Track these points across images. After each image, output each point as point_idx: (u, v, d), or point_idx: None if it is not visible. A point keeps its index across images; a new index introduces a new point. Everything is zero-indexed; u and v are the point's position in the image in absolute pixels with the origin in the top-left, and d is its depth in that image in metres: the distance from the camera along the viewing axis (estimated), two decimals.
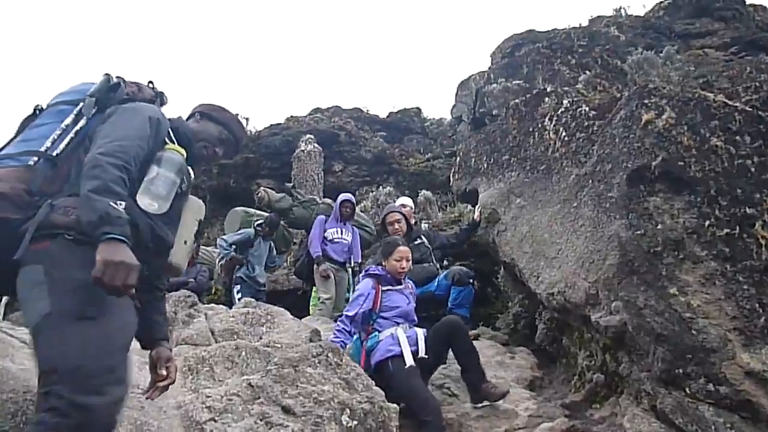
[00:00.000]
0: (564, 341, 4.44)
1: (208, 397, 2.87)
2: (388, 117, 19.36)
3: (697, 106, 4.10)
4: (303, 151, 13.26)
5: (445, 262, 6.76)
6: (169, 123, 2.27)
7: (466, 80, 12.16)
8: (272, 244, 8.76)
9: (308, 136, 13.89)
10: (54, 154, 2.02)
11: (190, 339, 3.81)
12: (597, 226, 3.87)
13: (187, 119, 2.53)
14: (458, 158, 7.17)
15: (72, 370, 1.65)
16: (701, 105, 4.11)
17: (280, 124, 17.13)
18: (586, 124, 4.82)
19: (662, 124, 3.91)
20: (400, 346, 3.94)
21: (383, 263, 4.47)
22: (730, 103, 4.24)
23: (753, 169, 3.72)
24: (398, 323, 4.17)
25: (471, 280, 5.73)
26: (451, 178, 7.12)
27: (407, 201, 7.94)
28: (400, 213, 6.20)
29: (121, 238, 1.76)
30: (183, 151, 2.21)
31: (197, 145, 2.40)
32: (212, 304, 4.95)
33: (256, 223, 8.55)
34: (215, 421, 2.74)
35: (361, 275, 4.98)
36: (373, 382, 3.43)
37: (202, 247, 9.49)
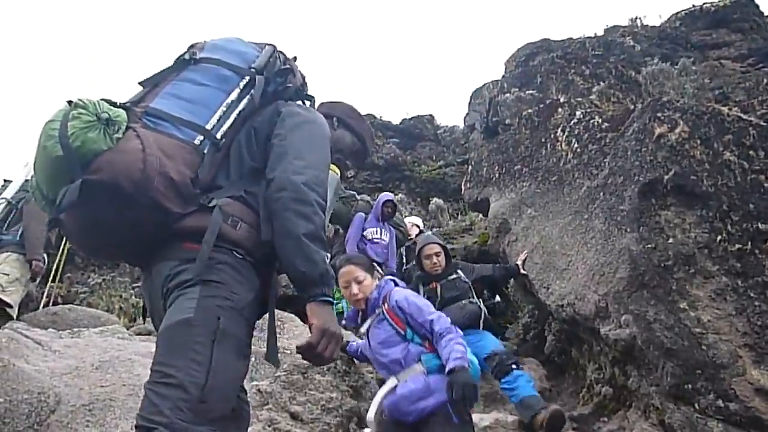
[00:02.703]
0: (573, 353, 4.43)
1: None
2: (401, 123, 19.39)
3: (711, 120, 4.09)
4: None
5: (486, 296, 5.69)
6: None
7: (479, 88, 12.19)
8: None
9: None
10: (218, 136, 1.72)
11: None
12: (608, 238, 3.87)
13: None
14: (470, 167, 7.19)
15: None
16: (715, 119, 4.10)
17: None
18: (598, 135, 4.82)
19: (675, 137, 3.91)
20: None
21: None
22: (744, 117, 4.22)
23: (766, 185, 3.70)
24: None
25: (515, 364, 4.20)
26: (463, 187, 7.13)
27: (417, 221, 7.84)
28: (439, 245, 5.04)
29: (334, 301, 1.65)
30: (337, 171, 2.08)
31: (333, 156, 2.08)
32: None
33: None
34: None
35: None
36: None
37: None
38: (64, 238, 4.81)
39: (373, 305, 3.08)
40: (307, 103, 2.03)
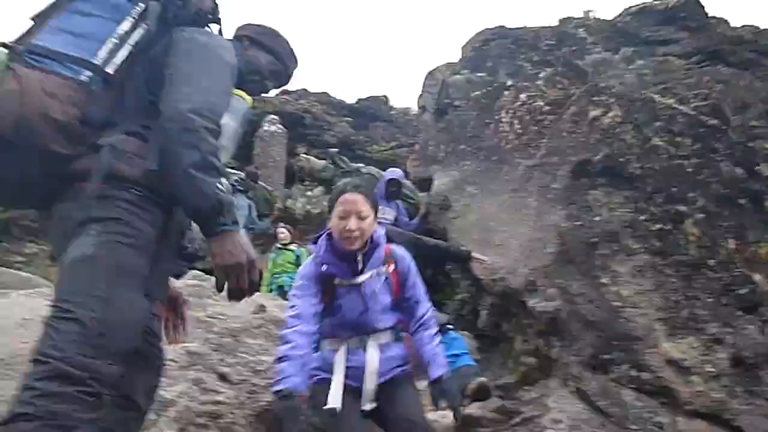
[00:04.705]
0: (504, 327, 4.57)
1: None
2: (356, 103, 19.34)
3: (644, 107, 4.27)
4: (266, 131, 13.15)
5: None
6: None
7: (433, 70, 12.21)
8: (252, 204, 8.25)
9: (272, 116, 13.79)
10: (110, 71, 1.61)
11: None
12: (540, 215, 4.00)
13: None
14: (418, 146, 7.25)
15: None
16: (647, 106, 4.28)
17: None
18: (539, 118, 4.95)
19: (608, 121, 4.06)
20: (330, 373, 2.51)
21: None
22: (675, 105, 4.42)
23: (690, 170, 3.90)
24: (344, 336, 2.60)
25: (449, 325, 4.23)
26: (409, 165, 7.20)
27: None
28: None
29: (237, 228, 1.56)
30: (247, 97, 1.96)
31: (248, 78, 2.02)
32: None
33: (232, 179, 8.01)
34: None
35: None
36: None
37: None
38: None
39: (373, 255, 2.54)
40: (214, 27, 1.91)
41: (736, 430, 3.09)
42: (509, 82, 7.13)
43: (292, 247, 8.66)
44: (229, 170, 8.24)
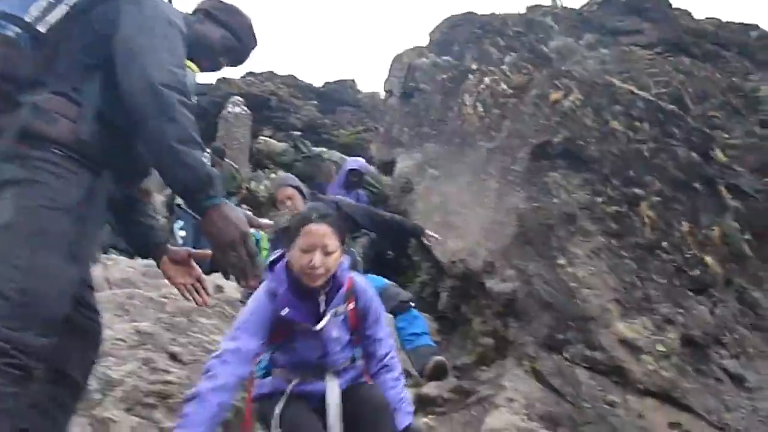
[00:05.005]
0: (463, 308, 4.58)
1: None
2: (322, 87, 19.14)
3: (604, 91, 4.30)
4: (230, 112, 12.93)
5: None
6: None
7: (399, 54, 12.16)
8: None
9: (236, 97, 13.56)
10: (42, 29, 1.55)
11: None
12: (500, 197, 4.01)
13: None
14: (382, 129, 7.21)
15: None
16: (608, 90, 4.31)
17: (211, 84, 16.63)
18: (502, 101, 4.95)
19: (568, 104, 4.08)
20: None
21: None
22: (634, 90, 4.46)
23: (647, 154, 3.94)
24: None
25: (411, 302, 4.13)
26: (373, 148, 7.16)
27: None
28: (292, 187, 4.43)
29: (227, 201, 1.52)
30: (195, 68, 1.89)
31: (198, 52, 1.93)
32: (113, 255, 4.81)
33: None
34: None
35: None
36: None
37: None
38: None
39: (335, 292, 2.28)
40: None
41: (684, 408, 3.16)
42: (474, 66, 7.13)
43: (252, 230, 8.55)
44: None
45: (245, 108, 13.32)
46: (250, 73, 18.35)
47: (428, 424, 3.25)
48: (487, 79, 5.56)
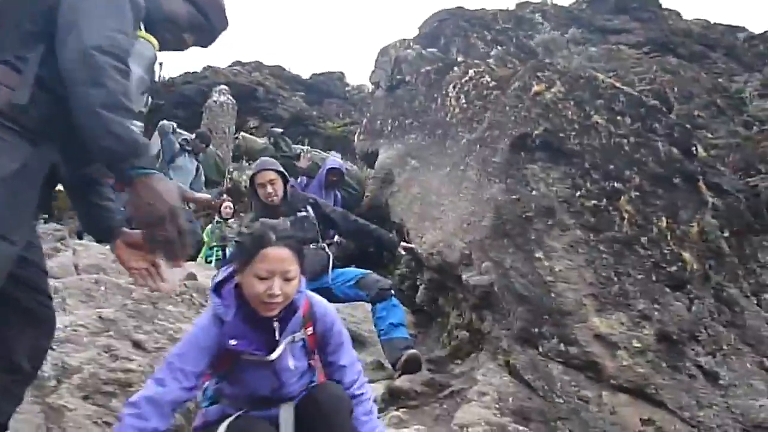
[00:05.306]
0: (440, 301, 4.53)
1: None
2: (310, 78, 19.06)
3: (587, 84, 4.25)
4: (215, 101, 12.78)
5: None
6: None
7: (386, 47, 12.08)
8: (200, 166, 7.88)
9: (222, 86, 13.42)
10: None
11: (49, 272, 3.58)
12: (479, 189, 3.95)
13: None
14: (365, 120, 7.14)
15: None
16: (590, 83, 4.26)
17: (197, 73, 16.50)
18: (485, 93, 4.89)
19: (550, 96, 4.02)
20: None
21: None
22: (617, 85, 4.42)
23: (627, 148, 3.90)
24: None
25: (391, 289, 4.15)
26: (356, 139, 7.09)
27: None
28: (275, 171, 4.26)
29: (156, 171, 1.44)
30: (155, 42, 1.79)
31: (160, 26, 1.85)
32: (84, 241, 4.70)
33: (180, 138, 7.65)
34: (53, 349, 2.58)
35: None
36: None
37: None
38: None
39: (291, 316, 2.05)
40: None
41: (658, 405, 3.12)
42: (460, 59, 7.07)
43: (232, 222, 8.51)
44: (179, 131, 7.90)
45: (230, 97, 13.18)
46: (237, 63, 18.22)
47: (400, 417, 3.20)
48: (471, 72, 5.49)
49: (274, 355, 2.01)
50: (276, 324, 2.03)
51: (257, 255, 1.94)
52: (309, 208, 4.28)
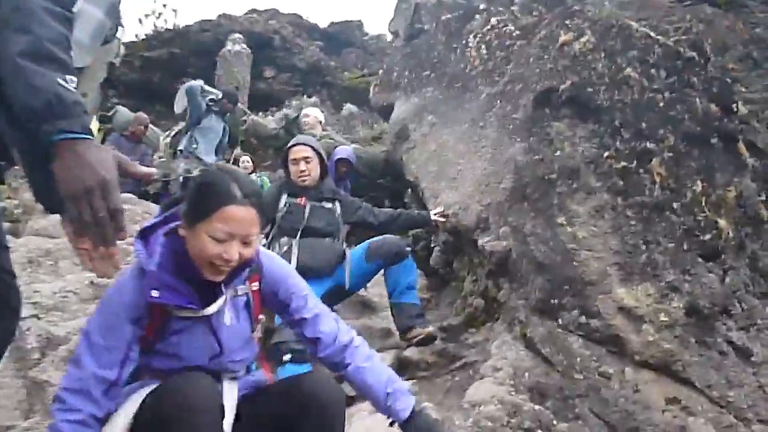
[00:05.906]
0: (455, 265, 4.34)
1: (36, 292, 2.56)
2: (328, 27, 18.50)
3: (619, 34, 3.90)
4: (229, 50, 12.47)
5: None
6: None
7: None
8: (227, 127, 7.61)
9: (236, 35, 13.04)
10: None
11: (42, 230, 3.44)
12: (498, 147, 3.69)
13: None
14: (381, 71, 6.82)
15: None
16: (623, 33, 3.91)
17: (212, 20, 16.05)
18: (507, 43, 4.55)
19: (579, 47, 3.70)
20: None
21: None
22: (652, 35, 4.06)
23: (662, 104, 3.59)
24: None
25: (410, 249, 4.07)
26: (372, 91, 6.78)
27: (314, 111, 7.22)
28: (313, 149, 3.95)
29: (86, 136, 1.19)
30: None
31: None
32: None
33: (207, 99, 7.31)
34: (38, 318, 2.44)
35: None
36: None
37: (150, 125, 8.52)
38: None
39: (236, 275, 1.75)
40: None
41: (684, 382, 2.92)
42: (483, 6, 6.67)
43: (253, 177, 8.34)
44: (205, 88, 7.60)
45: (245, 46, 12.84)
46: (253, 10, 17.72)
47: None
48: (494, 20, 5.13)
49: (211, 309, 1.71)
50: (218, 279, 1.72)
51: (216, 212, 1.61)
52: (337, 204, 3.97)
